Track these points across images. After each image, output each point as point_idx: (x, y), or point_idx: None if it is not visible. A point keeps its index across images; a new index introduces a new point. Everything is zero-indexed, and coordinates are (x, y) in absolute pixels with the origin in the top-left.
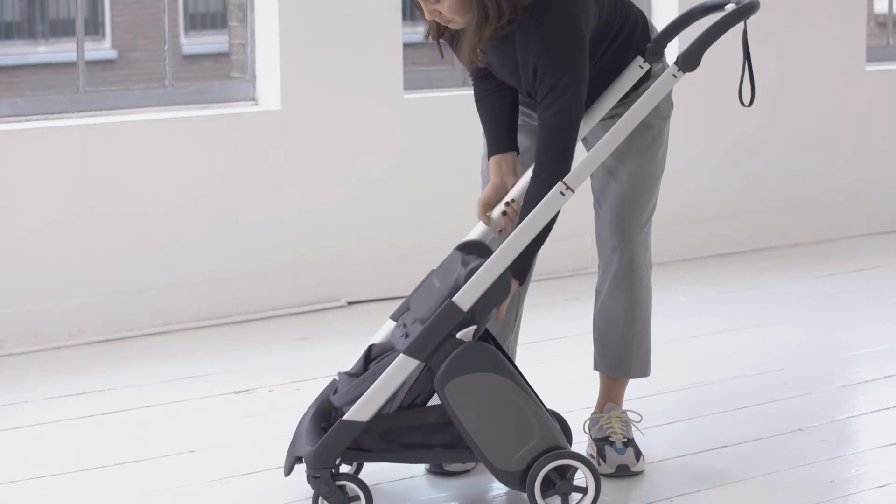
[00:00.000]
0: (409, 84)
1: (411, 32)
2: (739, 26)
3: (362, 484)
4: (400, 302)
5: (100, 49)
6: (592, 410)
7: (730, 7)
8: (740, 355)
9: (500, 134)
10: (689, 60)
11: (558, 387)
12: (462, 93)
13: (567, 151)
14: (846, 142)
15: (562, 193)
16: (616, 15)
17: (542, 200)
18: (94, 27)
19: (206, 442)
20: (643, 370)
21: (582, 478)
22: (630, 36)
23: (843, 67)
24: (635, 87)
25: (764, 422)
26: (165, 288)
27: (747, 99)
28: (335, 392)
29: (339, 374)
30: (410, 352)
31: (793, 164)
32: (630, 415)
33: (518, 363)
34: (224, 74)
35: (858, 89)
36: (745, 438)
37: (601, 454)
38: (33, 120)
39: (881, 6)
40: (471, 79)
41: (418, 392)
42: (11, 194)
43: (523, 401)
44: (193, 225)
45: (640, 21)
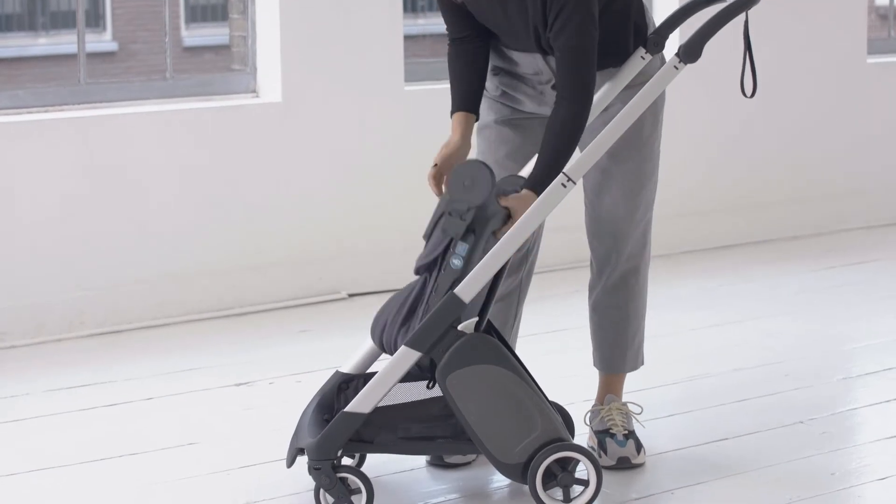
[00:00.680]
0: (410, 76)
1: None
2: (741, 17)
3: (363, 476)
4: None
5: (101, 41)
6: (593, 402)
7: None
8: (740, 348)
9: (470, 93)
10: (691, 52)
11: (559, 379)
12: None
13: (587, 73)
14: (847, 134)
15: (563, 185)
16: None
17: (542, 194)
18: (95, 19)
19: (207, 434)
20: (635, 363)
21: (583, 470)
22: (626, 8)
23: (844, 60)
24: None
25: (764, 414)
26: (166, 280)
27: (749, 90)
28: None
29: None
30: (412, 343)
31: (793, 157)
32: (631, 407)
33: (519, 355)
34: (225, 67)
35: (859, 82)
36: (746, 431)
37: (602, 446)
38: (34, 112)
39: None
40: (449, 44)
41: None
42: (12, 186)
43: (525, 393)
44: (194, 217)
45: None
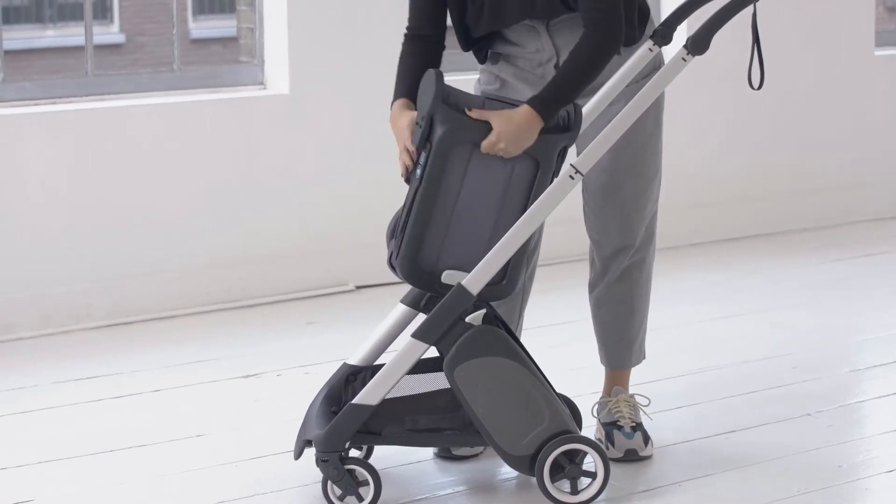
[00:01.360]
0: None
1: None
2: (749, 9)
3: (371, 468)
4: (407, 289)
5: (108, 33)
6: (600, 394)
7: None
8: (747, 340)
9: (416, 84)
10: (699, 44)
11: (566, 371)
12: (471, 77)
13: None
14: (854, 127)
15: (571, 178)
16: None
17: (550, 187)
18: (103, 11)
19: (215, 426)
20: (639, 357)
21: (591, 462)
22: None
23: (852, 52)
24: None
25: (772, 407)
26: (173, 272)
27: (756, 82)
28: None
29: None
30: (419, 335)
31: (800, 149)
32: (638, 399)
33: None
34: (232, 59)
35: (867, 74)
36: (753, 423)
37: (610, 438)
38: (41, 104)
39: None
40: (406, 35)
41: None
42: (20, 178)
43: (533, 385)
44: (202, 209)
45: None
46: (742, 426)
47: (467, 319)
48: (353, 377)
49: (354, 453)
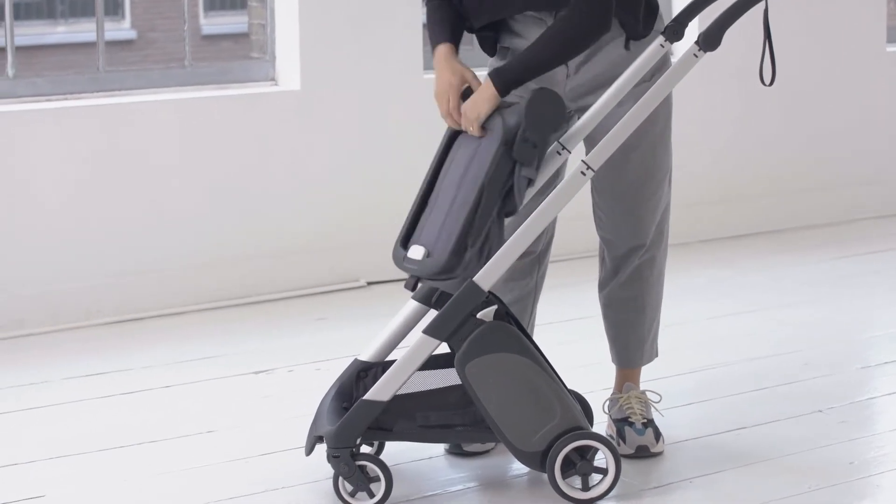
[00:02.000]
0: (430, 64)
1: None
2: (760, 5)
3: (382, 464)
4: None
5: (119, 29)
6: (612, 391)
7: None
8: (757, 337)
9: (456, 26)
10: (710, 40)
11: (577, 368)
12: (482, 72)
13: None
14: (864, 124)
15: (582, 173)
16: None
17: (562, 182)
18: (114, 7)
19: (226, 422)
20: (651, 355)
21: (602, 458)
22: None
23: (863, 48)
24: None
25: (783, 403)
26: (183, 268)
27: (768, 78)
28: None
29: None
30: (431, 331)
31: (809, 146)
32: (649, 395)
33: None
34: (243, 55)
35: (878, 70)
36: (764, 420)
37: (621, 435)
38: (53, 100)
39: None
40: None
41: None
42: (30, 174)
43: (544, 381)
44: (212, 205)
45: None
46: (753, 423)
47: (479, 316)
48: (365, 373)
49: (366, 449)
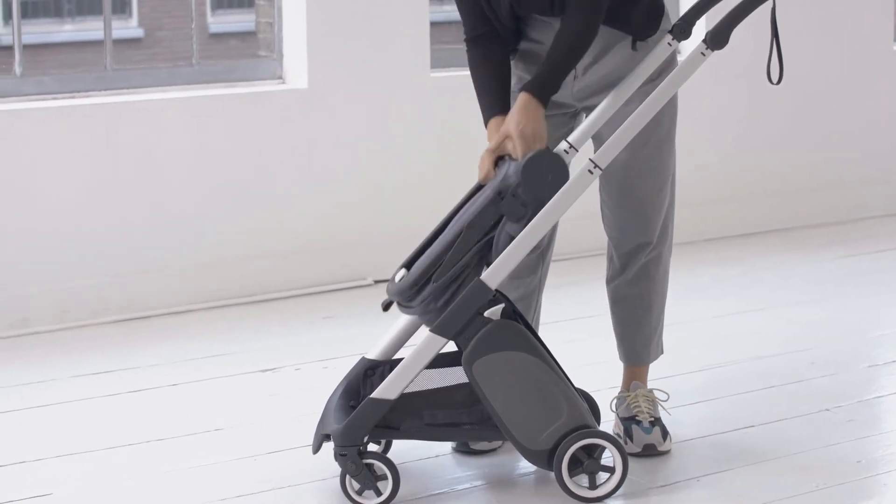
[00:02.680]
0: (436, 62)
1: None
2: (768, 4)
3: (390, 462)
4: None
5: (126, 27)
6: (619, 389)
7: None
8: (764, 336)
9: (502, 94)
10: (718, 38)
11: (584, 366)
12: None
13: None
14: (871, 122)
15: (590, 172)
16: None
17: (569, 181)
18: (121, 6)
19: (233, 420)
20: (657, 352)
21: (609, 457)
22: None
23: (870, 47)
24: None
25: (790, 402)
26: (190, 266)
27: (775, 77)
28: None
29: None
30: (438, 330)
31: (816, 145)
32: (657, 393)
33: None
34: (251, 53)
35: (885, 69)
36: (772, 418)
37: (628, 433)
38: (60, 98)
39: None
40: (465, 42)
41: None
42: (37, 172)
43: (551, 379)
44: (219, 203)
45: None
46: (760, 421)
47: (486, 314)
48: (372, 371)
49: (373, 448)
